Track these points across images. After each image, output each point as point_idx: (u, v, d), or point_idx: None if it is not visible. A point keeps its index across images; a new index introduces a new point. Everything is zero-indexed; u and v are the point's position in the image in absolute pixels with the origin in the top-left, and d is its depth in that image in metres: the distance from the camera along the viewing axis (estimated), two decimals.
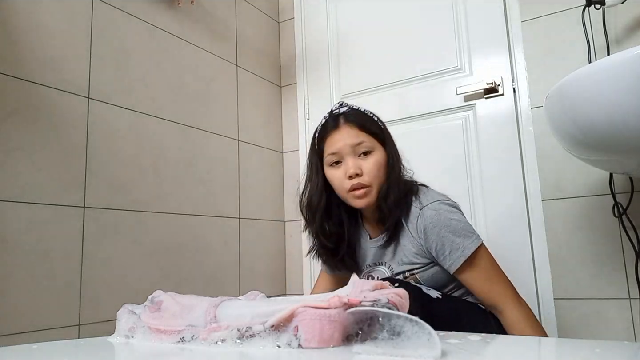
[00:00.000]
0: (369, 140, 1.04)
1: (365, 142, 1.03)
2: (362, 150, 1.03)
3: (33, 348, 0.51)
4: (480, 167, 1.58)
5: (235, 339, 0.45)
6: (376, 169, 1.03)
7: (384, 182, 1.04)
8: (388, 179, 1.04)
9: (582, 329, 1.36)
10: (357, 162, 1.02)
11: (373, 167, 1.02)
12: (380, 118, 1.10)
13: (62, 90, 1.24)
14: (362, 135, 1.03)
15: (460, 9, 1.69)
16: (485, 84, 1.57)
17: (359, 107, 1.10)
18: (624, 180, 1.35)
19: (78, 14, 1.30)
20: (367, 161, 1.03)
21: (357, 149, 1.03)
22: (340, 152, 1.03)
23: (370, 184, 1.02)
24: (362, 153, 1.03)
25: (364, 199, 1.03)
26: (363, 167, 1.02)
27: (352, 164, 1.02)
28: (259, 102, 1.95)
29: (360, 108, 1.09)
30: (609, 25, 1.40)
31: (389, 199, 1.02)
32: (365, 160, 1.03)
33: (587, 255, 1.39)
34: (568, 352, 0.47)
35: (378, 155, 1.04)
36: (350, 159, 1.02)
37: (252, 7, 1.99)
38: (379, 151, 1.05)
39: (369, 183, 1.02)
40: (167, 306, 0.52)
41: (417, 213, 1.01)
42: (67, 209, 1.21)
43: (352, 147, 1.02)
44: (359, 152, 1.03)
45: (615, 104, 0.85)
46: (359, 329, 0.42)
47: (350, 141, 1.03)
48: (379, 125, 1.08)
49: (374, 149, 1.04)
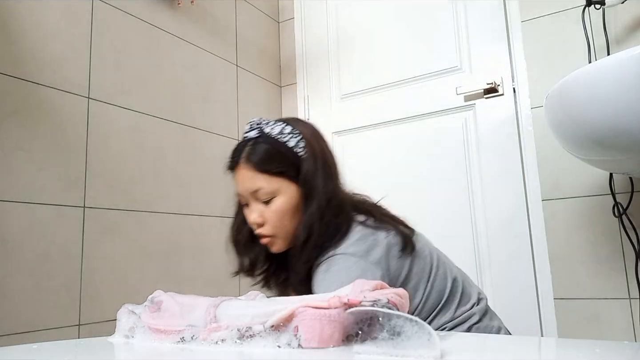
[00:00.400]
0: (268, 185, 0.87)
1: (264, 189, 0.87)
2: (262, 198, 0.88)
3: (33, 348, 0.51)
4: (480, 167, 1.58)
5: (235, 339, 0.45)
6: (277, 217, 0.87)
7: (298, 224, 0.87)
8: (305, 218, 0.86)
9: (582, 329, 1.36)
10: (259, 208, 0.88)
11: (274, 216, 0.87)
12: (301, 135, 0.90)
13: (62, 90, 1.24)
14: (260, 179, 0.87)
15: (460, 8, 1.69)
16: (485, 84, 1.57)
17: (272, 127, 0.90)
18: (624, 180, 1.35)
19: (78, 14, 1.30)
20: (269, 209, 0.88)
21: (256, 195, 0.88)
22: (244, 196, 0.90)
23: (273, 233, 0.88)
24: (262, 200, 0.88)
25: (272, 248, 0.91)
26: (265, 215, 0.88)
27: (253, 212, 0.89)
28: (259, 102, 1.95)
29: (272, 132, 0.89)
30: (609, 25, 1.40)
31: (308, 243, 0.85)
32: (268, 207, 0.88)
33: (587, 255, 1.39)
34: (568, 352, 0.47)
35: (282, 200, 0.87)
36: (253, 204, 0.89)
37: (252, 7, 1.99)
38: (285, 193, 0.88)
39: (271, 233, 0.88)
40: (167, 306, 0.52)
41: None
42: (67, 209, 1.21)
43: (250, 193, 0.88)
44: (260, 199, 0.88)
45: (616, 104, 0.85)
46: (359, 329, 0.42)
47: (248, 186, 0.88)
48: (291, 155, 0.88)
49: (277, 193, 0.87)
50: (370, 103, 1.83)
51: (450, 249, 1.59)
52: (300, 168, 0.88)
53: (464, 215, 1.58)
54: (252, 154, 0.88)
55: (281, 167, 0.87)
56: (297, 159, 0.88)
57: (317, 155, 0.90)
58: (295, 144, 0.89)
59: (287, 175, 0.88)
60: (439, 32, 1.72)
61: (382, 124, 1.79)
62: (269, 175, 0.87)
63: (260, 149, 0.88)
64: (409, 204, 1.70)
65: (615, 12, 1.40)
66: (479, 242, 1.55)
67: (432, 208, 1.65)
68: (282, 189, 0.88)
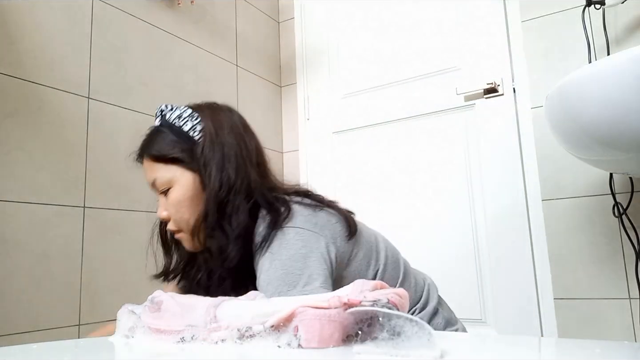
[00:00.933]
0: (162, 174, 0.80)
1: (159, 179, 0.80)
2: (160, 189, 0.81)
3: (33, 348, 0.51)
4: (480, 167, 1.58)
5: (235, 339, 0.45)
6: (175, 210, 0.80)
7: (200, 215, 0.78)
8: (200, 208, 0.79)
9: (582, 329, 1.36)
10: (162, 202, 0.82)
11: (171, 208, 0.80)
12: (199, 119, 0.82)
13: (62, 90, 1.24)
14: (156, 169, 0.81)
15: (460, 8, 1.69)
16: (485, 84, 1.57)
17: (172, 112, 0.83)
18: (624, 180, 1.35)
19: (78, 14, 1.30)
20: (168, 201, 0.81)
21: (157, 187, 0.82)
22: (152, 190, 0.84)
23: (178, 228, 0.81)
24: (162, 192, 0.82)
25: (186, 245, 0.83)
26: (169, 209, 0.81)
27: (159, 207, 0.82)
28: (259, 102, 1.95)
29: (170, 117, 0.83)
30: (609, 25, 1.40)
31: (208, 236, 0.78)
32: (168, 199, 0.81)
33: (587, 255, 1.39)
34: (568, 352, 0.47)
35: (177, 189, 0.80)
36: (159, 198, 0.83)
37: (252, 7, 1.99)
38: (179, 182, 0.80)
39: (175, 228, 0.82)
40: (167, 306, 0.52)
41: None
42: (67, 209, 1.21)
43: (152, 185, 0.83)
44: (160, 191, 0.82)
45: (616, 104, 0.85)
46: (359, 329, 0.42)
47: (148, 178, 0.83)
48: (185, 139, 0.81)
49: (171, 183, 0.80)
50: (370, 103, 1.83)
51: (450, 248, 1.60)
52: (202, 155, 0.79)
53: (464, 215, 1.59)
54: (149, 142, 0.83)
55: (174, 153, 0.80)
56: (192, 144, 0.80)
57: (214, 139, 0.81)
58: (190, 128, 0.81)
59: (182, 162, 0.80)
60: (439, 31, 1.72)
61: (382, 124, 1.80)
62: (163, 163, 0.80)
63: (156, 137, 0.82)
64: (409, 204, 1.70)
65: (615, 12, 1.40)
66: (479, 242, 1.55)
67: (432, 208, 1.65)
68: (177, 177, 0.80)
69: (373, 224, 1.80)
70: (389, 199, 1.74)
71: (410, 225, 1.67)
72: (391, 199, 1.74)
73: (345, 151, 1.87)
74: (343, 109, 1.90)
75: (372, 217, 1.76)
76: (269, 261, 0.72)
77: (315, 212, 0.79)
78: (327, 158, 1.91)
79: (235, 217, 0.77)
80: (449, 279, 1.58)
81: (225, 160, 0.80)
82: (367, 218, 1.83)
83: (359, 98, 1.87)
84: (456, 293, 1.55)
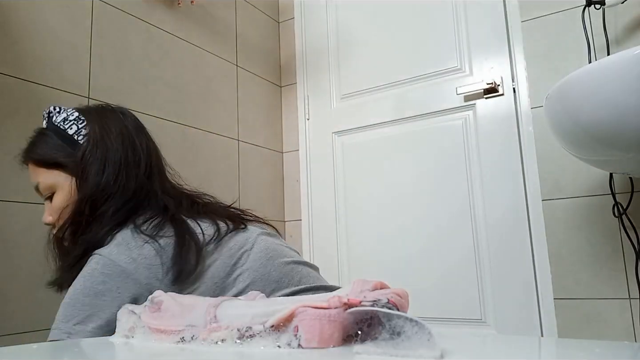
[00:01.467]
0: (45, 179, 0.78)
1: (41, 183, 0.78)
2: (44, 193, 0.79)
3: (33, 348, 0.51)
4: (480, 167, 1.58)
5: (235, 339, 0.45)
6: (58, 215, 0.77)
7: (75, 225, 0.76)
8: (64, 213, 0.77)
9: (582, 329, 1.36)
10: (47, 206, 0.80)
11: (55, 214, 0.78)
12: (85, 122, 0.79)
13: (62, 90, 1.23)
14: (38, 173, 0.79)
15: (460, 8, 1.69)
16: (485, 84, 1.57)
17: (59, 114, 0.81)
18: (624, 180, 1.35)
19: (78, 14, 1.30)
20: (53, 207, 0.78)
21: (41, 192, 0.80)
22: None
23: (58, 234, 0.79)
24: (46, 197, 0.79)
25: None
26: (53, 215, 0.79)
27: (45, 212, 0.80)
28: (259, 102, 1.95)
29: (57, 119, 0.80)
30: (609, 25, 1.40)
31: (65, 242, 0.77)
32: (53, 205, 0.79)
33: (587, 255, 1.39)
34: (568, 352, 0.47)
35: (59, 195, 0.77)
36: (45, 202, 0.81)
37: (252, 7, 1.99)
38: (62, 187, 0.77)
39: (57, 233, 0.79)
40: (167, 306, 0.52)
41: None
42: None
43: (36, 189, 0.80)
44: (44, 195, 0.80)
45: (616, 104, 0.85)
46: (359, 329, 0.42)
47: (32, 181, 0.80)
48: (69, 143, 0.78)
49: (54, 188, 0.78)
50: (370, 103, 1.83)
51: (450, 249, 1.60)
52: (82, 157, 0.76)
53: (464, 215, 1.59)
54: (32, 146, 0.80)
55: (56, 157, 0.77)
56: (75, 148, 0.77)
57: (97, 144, 0.77)
58: (75, 131, 0.78)
59: (64, 167, 0.77)
60: (439, 32, 1.72)
61: (382, 124, 1.80)
62: (46, 168, 0.77)
63: (40, 140, 0.79)
64: (409, 204, 1.70)
65: (615, 12, 1.40)
66: (479, 242, 1.55)
67: (432, 208, 1.65)
68: (59, 183, 0.77)
69: (373, 224, 1.81)
70: (389, 199, 1.74)
71: (410, 225, 1.67)
72: (391, 199, 1.74)
73: (345, 151, 1.87)
74: (343, 109, 1.90)
75: (372, 217, 1.77)
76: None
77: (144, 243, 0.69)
78: (327, 158, 1.91)
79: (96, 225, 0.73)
80: (449, 279, 1.58)
81: (106, 165, 0.76)
82: (367, 217, 1.84)
83: (359, 98, 1.87)
84: (456, 293, 1.56)
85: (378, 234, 1.74)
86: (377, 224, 1.75)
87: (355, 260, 1.79)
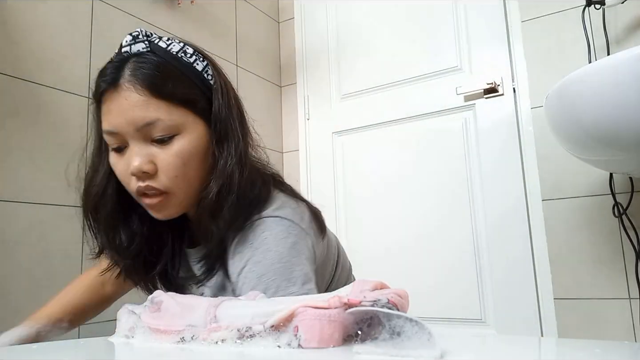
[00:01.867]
0: (169, 116, 0.62)
1: (163, 121, 0.61)
2: (156, 134, 0.62)
3: (33, 348, 0.51)
4: (480, 167, 1.58)
5: (235, 339, 0.45)
6: (180, 164, 0.63)
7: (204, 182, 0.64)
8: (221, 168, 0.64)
9: (582, 329, 1.36)
10: (146, 151, 0.62)
11: (174, 161, 0.62)
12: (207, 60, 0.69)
13: (62, 90, 1.24)
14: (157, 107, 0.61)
15: (460, 8, 1.69)
16: (485, 84, 1.57)
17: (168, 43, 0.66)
18: (624, 180, 1.35)
19: (78, 14, 1.30)
20: (165, 151, 0.62)
21: (148, 132, 0.62)
22: (121, 133, 0.63)
23: (168, 189, 0.63)
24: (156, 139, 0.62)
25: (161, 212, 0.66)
26: (158, 161, 0.62)
27: (136, 156, 0.62)
28: (259, 102, 1.95)
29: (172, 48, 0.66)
30: (609, 25, 1.40)
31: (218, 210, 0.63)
32: (163, 149, 0.62)
33: (587, 255, 1.39)
34: (568, 352, 0.47)
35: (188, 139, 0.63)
36: (135, 145, 0.62)
37: (252, 7, 1.99)
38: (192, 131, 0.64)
39: (165, 188, 0.63)
40: (167, 306, 0.52)
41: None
42: (67, 209, 1.21)
43: (138, 128, 0.61)
44: (151, 137, 0.62)
45: (616, 104, 0.85)
46: (359, 329, 0.42)
47: (137, 116, 0.61)
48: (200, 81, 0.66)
49: (180, 130, 0.63)
50: (370, 103, 1.83)
51: (450, 248, 1.60)
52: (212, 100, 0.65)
53: (464, 215, 1.59)
54: (141, 71, 0.62)
55: (189, 94, 0.64)
56: (208, 89, 0.66)
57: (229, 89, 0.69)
58: (203, 68, 0.67)
59: (195, 107, 0.64)
60: (439, 32, 1.72)
61: (382, 124, 1.80)
62: (170, 103, 0.62)
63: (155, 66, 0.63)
64: (408, 204, 1.70)
65: (615, 12, 1.40)
66: (479, 242, 1.55)
67: (432, 208, 1.65)
68: (188, 124, 0.63)
69: (373, 224, 1.81)
70: (389, 199, 1.74)
71: (410, 225, 1.67)
72: (391, 199, 1.74)
73: (345, 151, 1.87)
74: (343, 109, 1.90)
75: (372, 217, 1.77)
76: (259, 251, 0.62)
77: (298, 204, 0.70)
78: (327, 158, 1.91)
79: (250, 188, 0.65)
80: (448, 279, 1.58)
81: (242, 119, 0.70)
82: (367, 217, 1.84)
83: (359, 98, 1.87)
84: (456, 293, 1.56)
85: (378, 233, 1.74)
86: (376, 224, 1.75)
87: (355, 260, 1.79)
